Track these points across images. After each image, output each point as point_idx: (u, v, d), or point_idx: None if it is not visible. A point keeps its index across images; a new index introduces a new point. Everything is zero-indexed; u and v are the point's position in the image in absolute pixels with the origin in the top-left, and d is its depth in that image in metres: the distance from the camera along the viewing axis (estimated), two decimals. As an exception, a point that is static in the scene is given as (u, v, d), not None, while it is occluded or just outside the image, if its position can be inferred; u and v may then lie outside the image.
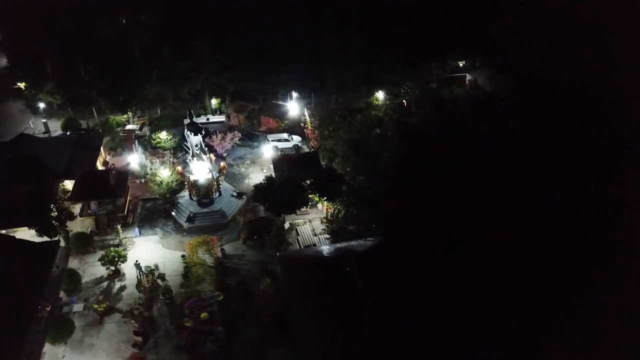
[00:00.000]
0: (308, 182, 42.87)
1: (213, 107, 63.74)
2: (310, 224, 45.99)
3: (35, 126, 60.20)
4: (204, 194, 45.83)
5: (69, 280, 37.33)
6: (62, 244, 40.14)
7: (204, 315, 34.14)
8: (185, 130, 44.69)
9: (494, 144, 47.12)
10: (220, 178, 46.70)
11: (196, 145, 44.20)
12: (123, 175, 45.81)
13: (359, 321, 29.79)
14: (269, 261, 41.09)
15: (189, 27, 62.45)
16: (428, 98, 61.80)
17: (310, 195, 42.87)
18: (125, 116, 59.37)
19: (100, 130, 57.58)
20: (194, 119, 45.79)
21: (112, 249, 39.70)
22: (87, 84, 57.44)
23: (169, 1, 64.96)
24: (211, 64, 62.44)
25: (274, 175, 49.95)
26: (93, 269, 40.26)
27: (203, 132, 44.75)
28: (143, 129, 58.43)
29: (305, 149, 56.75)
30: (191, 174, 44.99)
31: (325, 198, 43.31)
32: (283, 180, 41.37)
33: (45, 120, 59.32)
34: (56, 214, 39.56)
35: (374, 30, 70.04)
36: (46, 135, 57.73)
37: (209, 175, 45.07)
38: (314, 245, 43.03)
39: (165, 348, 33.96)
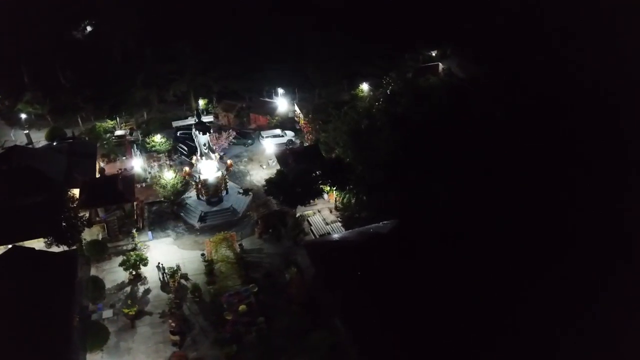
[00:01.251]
0: (317, 173, 43.92)
1: (200, 107, 63.32)
2: (320, 214, 47.11)
3: (17, 138, 57.84)
4: (213, 192, 45.97)
5: (94, 287, 36.71)
6: (76, 252, 39.42)
7: (242, 307, 34.66)
8: (194, 129, 44.67)
9: (476, 126, 50.30)
10: (226, 176, 46.94)
11: (204, 144, 44.23)
12: (129, 180, 45.21)
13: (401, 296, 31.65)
14: (289, 252, 41.97)
15: (170, 28, 61.80)
16: (410, 88, 64.14)
17: (321, 186, 43.99)
18: (112, 122, 58.09)
19: (87, 138, 56.29)
20: (202, 119, 45.91)
21: (132, 253, 39.35)
22: (71, 91, 55.72)
23: (149, 3, 63.76)
24: (195, 65, 62.10)
25: (278, 169, 50.86)
26: (112, 275, 39.72)
27: (212, 131, 44.85)
28: (133, 134, 57.47)
29: (299, 143, 57.64)
30: (200, 173, 44.98)
31: (335, 187, 44.56)
32: (297, 172, 42.20)
33: (27, 131, 57.16)
34: (73, 221, 38.65)
35: (352, 24, 71.87)
36: (29, 146, 55.63)
37: (219, 174, 45.29)
38: (328, 233, 44.26)
39: (204, 344, 34.26)
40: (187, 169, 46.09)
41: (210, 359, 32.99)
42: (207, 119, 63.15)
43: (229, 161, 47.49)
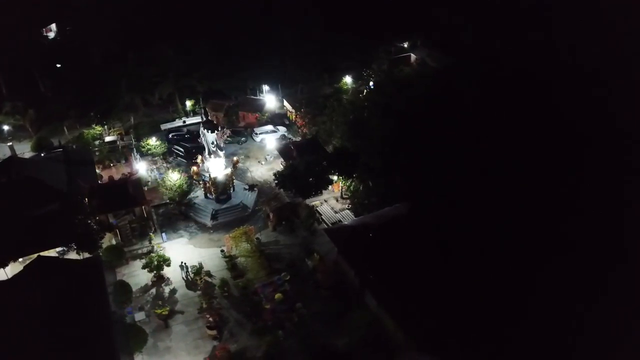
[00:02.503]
0: (325, 162, 45.15)
1: (188, 108, 63.02)
2: (327, 204, 48.38)
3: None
4: (222, 190, 46.25)
5: (122, 291, 36.44)
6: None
7: (278, 296, 35.53)
8: (201, 128, 44.72)
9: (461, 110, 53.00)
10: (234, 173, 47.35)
11: (212, 143, 44.42)
12: (136, 184, 44.75)
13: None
14: (306, 241, 43.03)
15: (151, 31, 60.97)
16: (391, 78, 66.38)
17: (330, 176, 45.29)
18: (99, 128, 56.80)
19: (74, 147, 54.83)
20: (209, 118, 46.08)
21: (154, 254, 39.25)
22: (55, 99, 54.01)
23: (128, 6, 62.55)
24: (179, 66, 61.61)
25: (281, 163, 51.78)
26: (134, 279, 39.37)
27: (219, 129, 45.09)
28: (124, 139, 56.49)
29: (292, 138, 58.58)
30: (207, 172, 45.13)
31: (342, 176, 45.96)
32: (308, 163, 43.26)
33: (10, 143, 54.84)
34: (92, 228, 38.05)
35: (326, 19, 73.32)
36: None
37: (228, 171, 45.64)
38: (339, 221, 45.67)
39: (242, 336, 34.89)
40: (195, 168, 46.10)
41: (251, 349, 33.69)
42: (194, 120, 63.12)
43: (235, 158, 47.83)
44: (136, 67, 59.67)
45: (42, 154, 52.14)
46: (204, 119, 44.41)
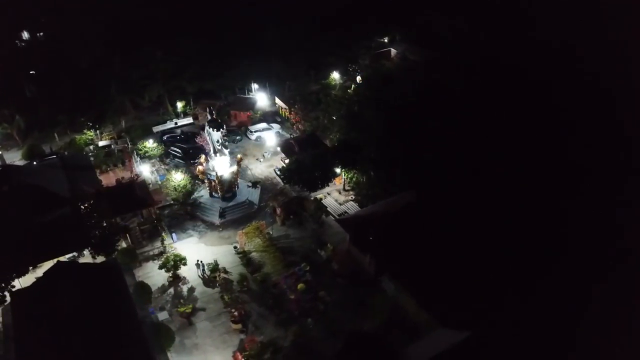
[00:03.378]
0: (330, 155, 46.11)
1: (179, 110, 62.70)
2: (330, 197, 49.31)
3: (-11, 161, 53.86)
4: (228, 188, 46.52)
5: (142, 292, 36.40)
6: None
7: (300, 286, 36.28)
8: (207, 126, 44.79)
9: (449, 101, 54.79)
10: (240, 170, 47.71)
11: (217, 141, 44.62)
12: (143, 186, 44.52)
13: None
14: (316, 233, 43.86)
15: (138, 33, 60.34)
16: (378, 73, 67.83)
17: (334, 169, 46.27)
18: (91, 133, 55.92)
19: (66, 153, 53.87)
20: (215, 116, 46.32)
21: (169, 255, 39.30)
22: (46, 106, 52.84)
23: (114, 10, 61.65)
24: (166, 68, 61.25)
25: (281, 159, 52.43)
26: (150, 280, 39.18)
27: (224, 127, 45.33)
28: (118, 142, 55.82)
29: (289, 134, 59.18)
30: (214, 170, 45.31)
31: (346, 168, 46.98)
32: (314, 157, 44.08)
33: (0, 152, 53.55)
34: (108, 230, 37.76)
35: (308, 16, 74.30)
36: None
37: (234, 168, 45.95)
38: (345, 212, 46.71)
39: (267, 327, 35.47)
40: (200, 167, 46.15)
41: (278, 339, 34.30)
42: (186, 121, 62.90)
43: (239, 155, 48.11)
44: (124, 70, 58.94)
45: (35, 162, 51.11)
46: (210, 117, 44.49)
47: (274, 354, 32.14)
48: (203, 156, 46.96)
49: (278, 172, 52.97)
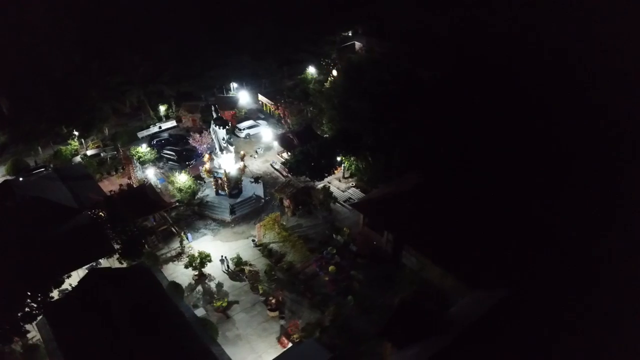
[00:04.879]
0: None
1: (161, 114, 62.04)
2: (331, 185, 51.04)
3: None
4: (234, 184, 47.13)
5: (176, 292, 36.67)
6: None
7: (331, 268, 37.92)
8: (212, 124, 45.09)
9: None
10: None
11: (223, 139, 45.12)
12: (152, 189, 44.31)
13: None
14: (327, 220, 45.52)
15: (111, 39, 59.08)
16: (352, 65, 70.11)
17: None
18: (75, 143, 54.39)
19: (52, 166, 52.26)
20: (219, 114, 46.52)
21: (195, 254, 39.65)
22: (23, 119, 50.81)
23: (87, 16, 59.77)
24: (144, 72, 60.43)
25: (277, 154, 53.55)
26: (175, 280, 39.42)
27: (229, 125, 45.83)
28: (107, 151, 54.69)
29: (275, 130, 60.26)
30: (221, 168, 45.79)
31: (349, 155, 48.88)
32: (320, 146, 45.65)
33: (-18, 169, 51.02)
34: (136, 234, 37.52)
35: (275, 14, 75.24)
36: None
37: (240, 165, 46.61)
38: (350, 198, 48.71)
39: (303, 311, 36.85)
40: (207, 166, 46.47)
41: (316, 321, 35.76)
42: (169, 124, 62.41)
43: (241, 152, 48.72)
44: (102, 77, 57.60)
45: (20, 178, 49.16)
46: (215, 116, 44.85)
47: (322, 333, 33.59)
48: (207, 155, 47.25)
49: (276, 167, 54.29)
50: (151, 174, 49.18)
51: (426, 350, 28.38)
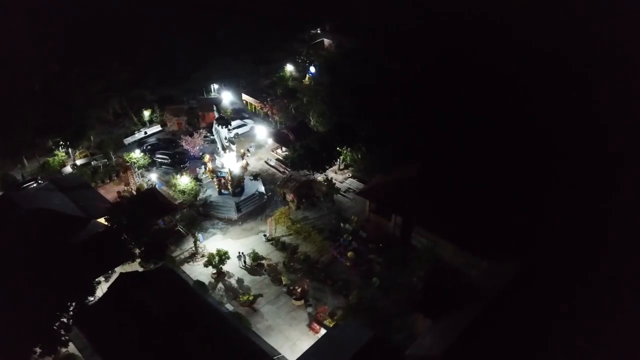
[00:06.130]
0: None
1: (146, 119, 61.25)
2: (327, 177, 52.42)
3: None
4: (237, 183, 47.62)
5: (202, 290, 37.04)
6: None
7: (350, 254, 39.41)
8: (215, 124, 45.35)
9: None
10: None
11: (225, 138, 45.51)
12: (158, 193, 44.18)
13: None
14: (331, 210, 46.92)
15: (90, 46, 57.83)
16: (328, 61, 71.71)
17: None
18: (62, 153, 52.97)
19: (39, 178, 50.69)
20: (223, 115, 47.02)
21: (213, 252, 39.98)
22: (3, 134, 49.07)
23: (61, 22, 57.97)
24: (125, 78, 59.48)
25: (271, 150, 54.36)
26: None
27: (231, 124, 46.22)
28: (97, 159, 53.63)
29: (263, 127, 60.90)
30: (224, 167, 46.16)
31: (347, 148, 50.43)
32: (320, 140, 46.95)
33: (-36, 187, 48.69)
34: (160, 236, 37.49)
35: (248, 15, 75.77)
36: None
37: (243, 162, 47.13)
38: (349, 189, 50.33)
39: (327, 298, 38.18)
40: (210, 166, 46.70)
41: (341, 305, 37.18)
42: (154, 129, 61.72)
43: (242, 150, 49.19)
44: (82, 85, 56.23)
45: (9, 193, 47.48)
46: (217, 115, 45.14)
47: (353, 315, 35.07)
48: (207, 156, 47.51)
49: (271, 164, 55.11)
50: (154, 178, 48.77)
51: (460, 319, 30.47)
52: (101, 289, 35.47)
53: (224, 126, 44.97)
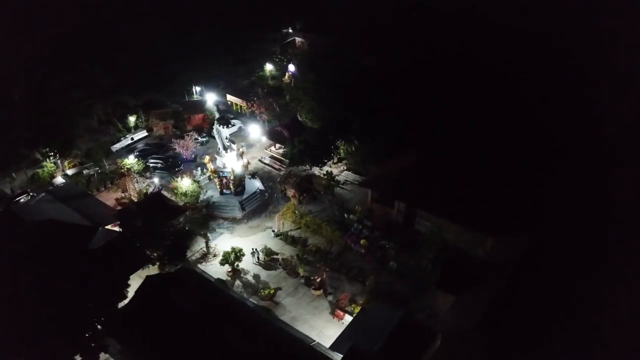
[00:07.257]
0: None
1: (131, 125, 60.34)
2: (327, 170, 53.51)
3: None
4: (239, 182, 48.05)
5: (224, 287, 37.52)
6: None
7: (363, 242, 40.85)
8: (216, 124, 45.52)
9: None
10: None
11: (226, 138, 45.83)
12: (164, 196, 44.08)
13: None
14: (333, 202, 48.17)
15: (69, 53, 56.46)
16: (306, 59, 72.79)
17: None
18: (50, 164, 51.58)
19: (29, 191, 49.31)
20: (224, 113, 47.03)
21: (229, 250, 40.38)
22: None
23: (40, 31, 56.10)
24: (108, 84, 58.48)
25: (265, 148, 55.00)
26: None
27: (233, 124, 46.51)
28: (89, 167, 52.56)
29: (250, 127, 61.33)
30: (225, 167, 46.50)
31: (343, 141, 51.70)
32: (318, 135, 48.07)
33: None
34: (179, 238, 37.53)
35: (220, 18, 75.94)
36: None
37: (245, 161, 47.57)
38: (347, 181, 51.76)
39: (344, 285, 39.52)
40: (211, 167, 46.89)
41: (359, 292, 38.65)
42: (141, 134, 60.88)
43: (241, 149, 49.54)
44: (64, 93, 54.91)
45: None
46: (218, 115, 45.34)
47: (375, 298, 36.58)
48: (207, 157, 47.71)
49: (266, 161, 55.76)
50: (157, 182, 48.46)
51: (483, 294, 32.57)
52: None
53: (224, 126, 45.31)
